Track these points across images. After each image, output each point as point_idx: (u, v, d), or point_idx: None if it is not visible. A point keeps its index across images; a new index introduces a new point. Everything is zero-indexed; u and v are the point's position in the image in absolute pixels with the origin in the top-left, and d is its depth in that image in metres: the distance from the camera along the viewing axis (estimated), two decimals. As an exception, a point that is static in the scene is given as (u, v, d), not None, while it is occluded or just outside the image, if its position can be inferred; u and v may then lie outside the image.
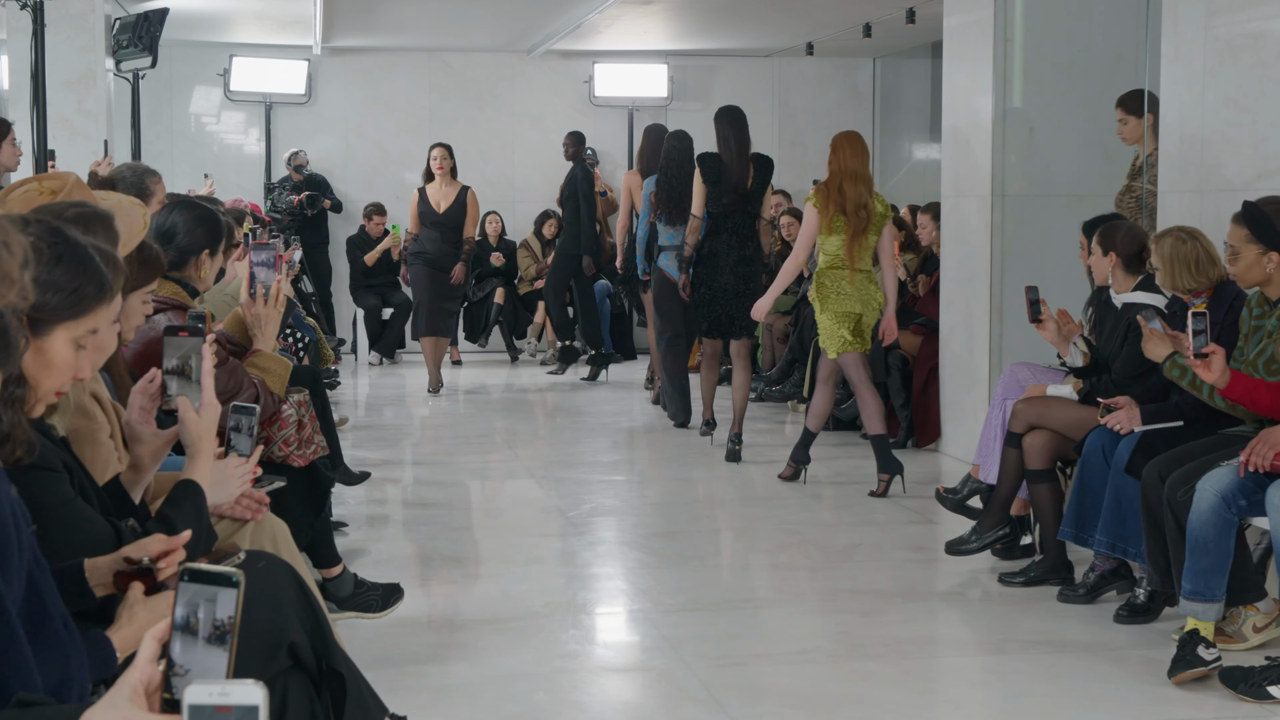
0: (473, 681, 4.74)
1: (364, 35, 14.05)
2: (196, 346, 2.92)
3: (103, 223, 3.07)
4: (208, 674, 1.82)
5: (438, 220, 11.59)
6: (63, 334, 2.41)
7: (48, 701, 2.08)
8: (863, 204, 7.62)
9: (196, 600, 1.87)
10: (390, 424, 10.58)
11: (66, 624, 2.33)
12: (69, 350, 2.43)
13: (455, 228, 11.62)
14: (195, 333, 2.94)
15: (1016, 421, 5.95)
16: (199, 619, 1.86)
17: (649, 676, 4.91)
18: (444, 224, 11.58)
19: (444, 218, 11.59)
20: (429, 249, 11.65)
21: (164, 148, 14.40)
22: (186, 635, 1.86)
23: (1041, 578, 5.84)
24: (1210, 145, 6.42)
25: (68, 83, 10.43)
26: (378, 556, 6.41)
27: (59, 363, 2.42)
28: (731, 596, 5.90)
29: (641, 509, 7.49)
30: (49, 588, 2.31)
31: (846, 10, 12.34)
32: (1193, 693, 4.60)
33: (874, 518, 7.19)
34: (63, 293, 2.40)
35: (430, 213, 11.63)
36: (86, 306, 2.44)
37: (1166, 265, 5.42)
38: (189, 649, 1.86)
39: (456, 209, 11.63)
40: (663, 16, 12.69)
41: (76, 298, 2.42)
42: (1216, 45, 6.36)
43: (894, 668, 4.91)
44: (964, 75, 8.61)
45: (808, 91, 15.52)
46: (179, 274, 4.70)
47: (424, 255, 11.68)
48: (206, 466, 2.94)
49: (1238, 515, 4.71)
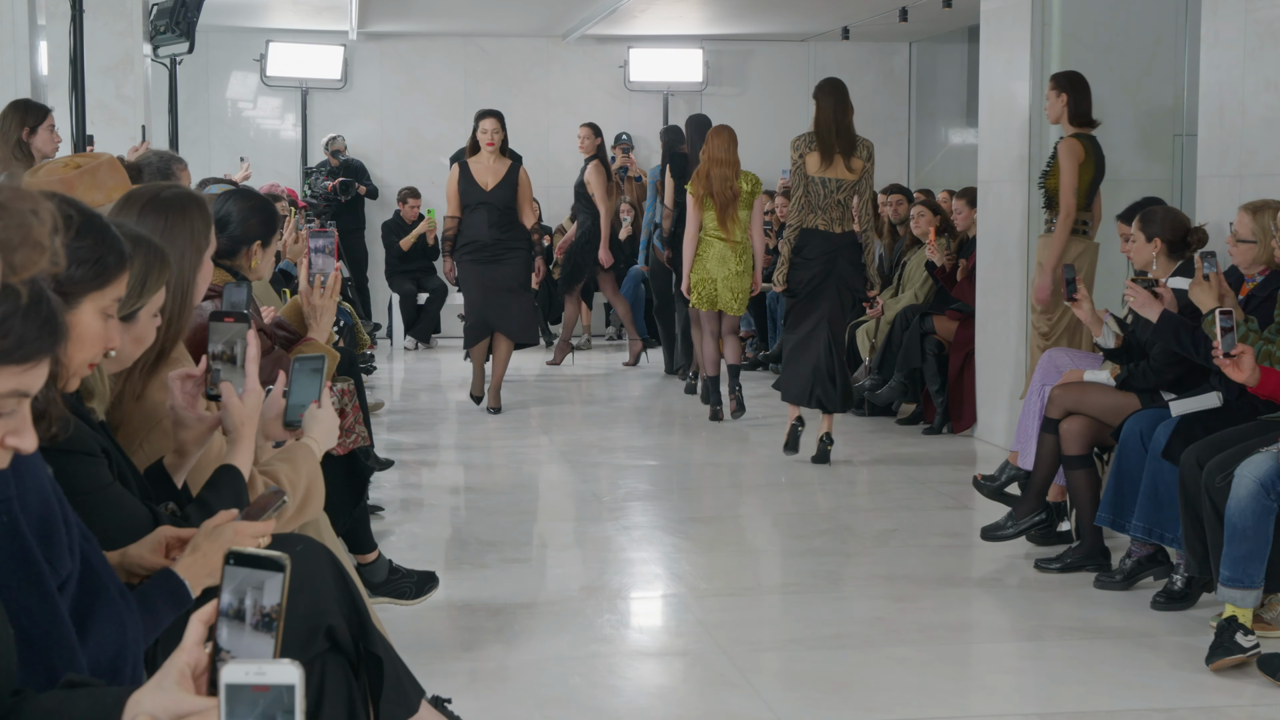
0: (508, 665, 4.76)
1: (400, 20, 14.07)
2: (241, 332, 2.93)
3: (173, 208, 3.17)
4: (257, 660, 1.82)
5: (485, 200, 9.80)
6: (90, 306, 2.42)
7: (95, 683, 2.09)
8: (729, 185, 9.20)
9: (244, 586, 1.87)
10: (426, 409, 10.61)
11: (123, 593, 2.35)
12: (98, 321, 2.44)
13: (505, 209, 9.80)
14: (240, 318, 2.95)
15: (1053, 407, 5.93)
16: (246, 605, 1.86)
17: (684, 661, 4.92)
18: (493, 204, 9.79)
19: (492, 197, 9.79)
20: (477, 236, 9.82)
21: (201, 133, 14.46)
22: (233, 621, 1.87)
23: (1078, 564, 5.82)
24: (1250, 130, 6.37)
25: (106, 68, 10.48)
26: (413, 540, 6.44)
27: (89, 335, 2.43)
28: (766, 581, 5.90)
29: (676, 494, 7.49)
30: (100, 560, 2.33)
31: (883, -6, 12.30)
32: (1230, 680, 4.58)
33: (909, 503, 7.18)
34: (86, 264, 2.41)
35: (475, 191, 9.82)
36: (110, 275, 2.45)
37: (1266, 237, 5.37)
38: (236, 634, 1.87)
39: (506, 187, 9.82)
40: (698, 1, 12.66)
41: (100, 267, 2.43)
42: (1257, 29, 6.31)
43: (929, 653, 4.91)
44: (1001, 60, 8.57)
45: (844, 76, 15.12)
46: (230, 262, 4.68)
47: (473, 246, 9.84)
48: (248, 452, 2.96)
49: (1277, 502, 4.68)
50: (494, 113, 9.94)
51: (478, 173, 9.82)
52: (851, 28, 14.26)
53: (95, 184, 3.85)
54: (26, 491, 2.18)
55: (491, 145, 9.79)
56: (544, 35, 14.93)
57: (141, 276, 2.78)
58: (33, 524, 2.17)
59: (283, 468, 3.13)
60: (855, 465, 8.11)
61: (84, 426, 2.70)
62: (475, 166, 9.83)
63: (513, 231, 9.82)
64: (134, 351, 2.89)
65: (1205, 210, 6.55)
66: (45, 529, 2.20)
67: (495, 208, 9.77)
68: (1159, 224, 5.84)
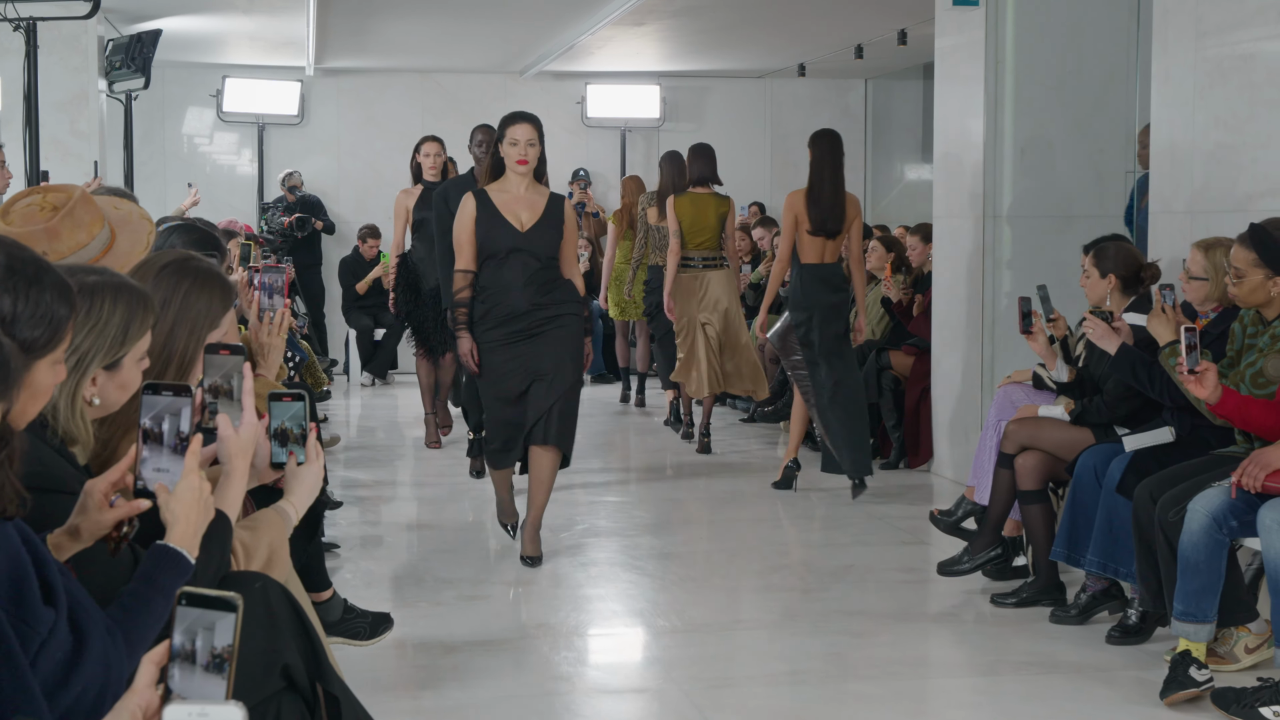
0: (465, 704, 4.74)
1: (356, 56, 14.08)
2: (238, 365, 2.91)
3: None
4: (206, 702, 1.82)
5: (517, 245, 6.50)
6: (44, 363, 2.41)
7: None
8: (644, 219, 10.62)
9: (195, 627, 1.87)
10: (383, 445, 10.58)
11: (110, 630, 2.33)
12: (50, 374, 2.43)
13: (548, 260, 6.55)
14: (236, 351, 2.94)
15: (1008, 442, 5.96)
16: (197, 646, 1.86)
17: (642, 699, 4.92)
18: (530, 252, 6.50)
19: (530, 241, 6.52)
20: (506, 300, 6.52)
21: (157, 168, 14.42)
22: (185, 663, 1.86)
23: (1034, 598, 5.85)
24: (1200, 167, 6.45)
25: (60, 104, 10.45)
26: (369, 577, 6.41)
27: (43, 388, 2.43)
28: (724, 618, 5.90)
29: (634, 530, 7.49)
30: (86, 601, 2.31)
31: (838, 32, 12.39)
32: (1185, 714, 4.61)
33: (866, 539, 7.20)
34: (41, 324, 2.39)
35: (502, 233, 6.51)
36: (63, 333, 2.43)
37: (1217, 274, 5.41)
38: (187, 676, 1.87)
39: (548, 228, 6.57)
40: (655, 38, 12.73)
41: (53, 327, 2.41)
42: (1207, 67, 6.40)
43: (885, 689, 4.92)
44: (955, 97, 8.64)
45: (800, 112, 15.57)
46: None
47: (500, 317, 6.52)
48: (241, 483, 2.92)
49: (1229, 536, 4.72)
50: (528, 117, 6.67)
51: (504, 205, 6.57)
52: (808, 65, 14.37)
53: (76, 224, 3.82)
54: None
55: (524, 164, 6.57)
56: (501, 71, 14.97)
57: (124, 325, 2.77)
58: (1, 591, 2.15)
59: (241, 535, 3.08)
60: (812, 500, 8.13)
61: (65, 466, 2.70)
62: (500, 197, 6.59)
63: (556, 292, 6.60)
64: (119, 398, 2.85)
65: (1157, 246, 6.62)
66: (16, 592, 2.17)
67: (534, 257, 6.53)
68: (1112, 260, 5.88)
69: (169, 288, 3.24)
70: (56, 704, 2.17)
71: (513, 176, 6.59)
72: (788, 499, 8.12)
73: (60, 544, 2.57)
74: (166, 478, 2.56)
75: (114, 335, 2.75)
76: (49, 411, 2.70)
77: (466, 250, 6.57)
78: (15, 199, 3.95)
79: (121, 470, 2.61)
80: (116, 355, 2.78)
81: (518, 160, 6.55)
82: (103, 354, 2.75)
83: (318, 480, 3.21)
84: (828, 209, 7.90)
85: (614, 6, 11.15)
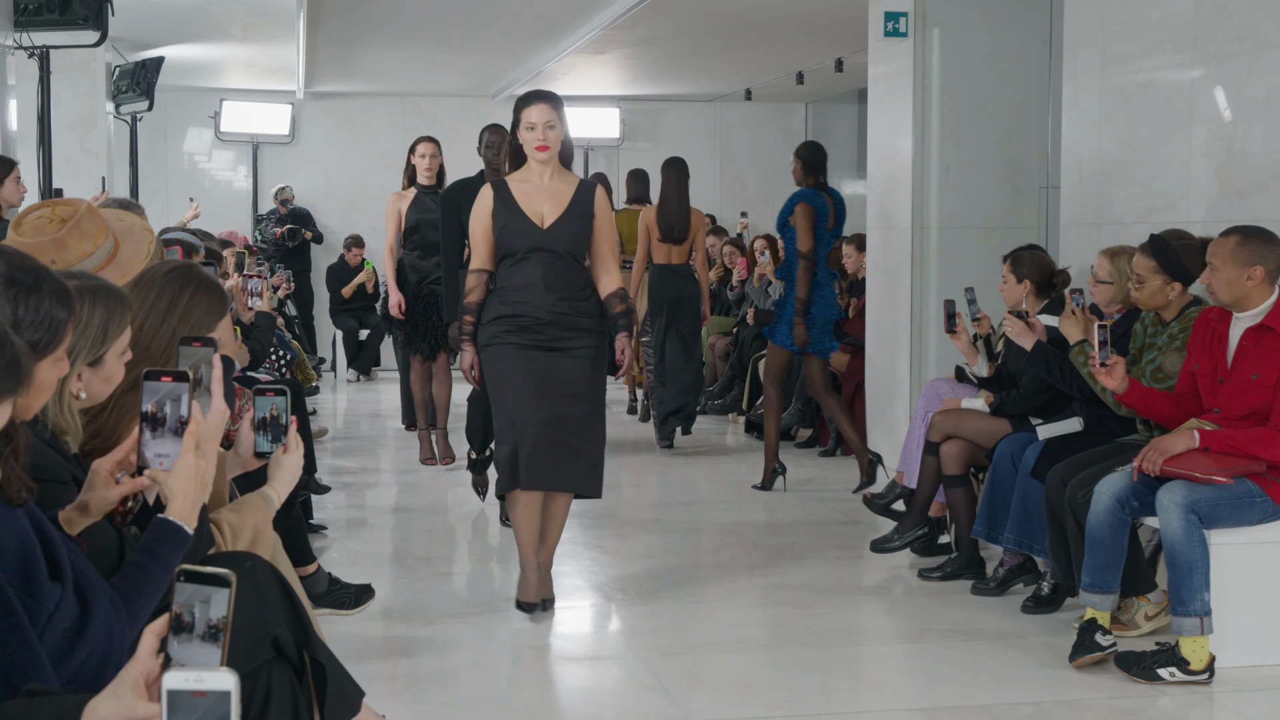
0: (441, 670, 4.73)
1: (343, 81, 14.04)
2: (208, 355, 2.91)
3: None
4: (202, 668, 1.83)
5: (539, 244, 5.26)
6: (46, 363, 2.40)
7: (56, 692, 2.07)
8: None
9: (192, 600, 1.88)
10: (367, 435, 10.54)
11: (113, 600, 2.33)
12: (53, 372, 2.43)
13: (572, 260, 5.31)
14: (207, 342, 2.94)
15: (934, 432, 5.99)
16: (194, 618, 1.87)
17: (602, 665, 4.92)
18: (553, 251, 5.26)
19: (552, 239, 5.27)
20: (523, 306, 5.25)
21: (159, 184, 14.35)
22: (183, 633, 1.88)
23: (957, 573, 5.88)
24: (1106, 183, 6.50)
25: (71, 124, 10.39)
26: (354, 556, 6.39)
27: (46, 385, 2.42)
28: (677, 591, 5.90)
29: (596, 513, 7.49)
30: (91, 573, 2.31)
31: (781, 60, 12.43)
32: (1091, 675, 4.65)
33: (806, 519, 7.22)
34: (43, 328, 2.38)
35: (521, 229, 5.27)
36: (63, 334, 2.43)
37: (1121, 279, 5.45)
38: (185, 645, 1.88)
39: (575, 220, 5.30)
40: (615, 65, 12.74)
41: (54, 330, 2.41)
42: (1112, 93, 6.45)
43: (824, 655, 4.94)
44: (887, 119, 8.67)
45: (746, 133, 15.61)
46: None
47: (517, 322, 5.25)
48: (211, 467, 2.92)
49: (1131, 515, 4.76)
50: (545, 95, 5.35)
51: (523, 198, 5.31)
52: (754, 90, 14.41)
53: (83, 235, 3.81)
54: (3, 537, 2.15)
55: (545, 149, 5.27)
56: (475, 95, 14.94)
57: (103, 324, 2.76)
58: (11, 569, 2.14)
59: (229, 516, 3.07)
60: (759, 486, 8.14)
61: (56, 456, 2.68)
62: (521, 188, 5.33)
63: (582, 300, 5.33)
64: (104, 390, 2.85)
65: (1068, 254, 6.67)
66: (25, 570, 2.17)
67: (558, 257, 5.29)
68: (1027, 267, 5.93)
69: (173, 293, 3.23)
70: (63, 670, 2.17)
71: (534, 165, 5.31)
72: (737, 486, 8.13)
73: (71, 519, 2.57)
74: (166, 458, 2.56)
75: (95, 334, 2.75)
76: None
77: (482, 248, 5.35)
78: (26, 212, 3.93)
79: (125, 450, 2.61)
80: (99, 352, 2.77)
81: (537, 146, 5.24)
82: (86, 352, 2.75)
83: (298, 468, 3.23)
84: (674, 219, 9.24)
85: (577, 36, 11.15)
